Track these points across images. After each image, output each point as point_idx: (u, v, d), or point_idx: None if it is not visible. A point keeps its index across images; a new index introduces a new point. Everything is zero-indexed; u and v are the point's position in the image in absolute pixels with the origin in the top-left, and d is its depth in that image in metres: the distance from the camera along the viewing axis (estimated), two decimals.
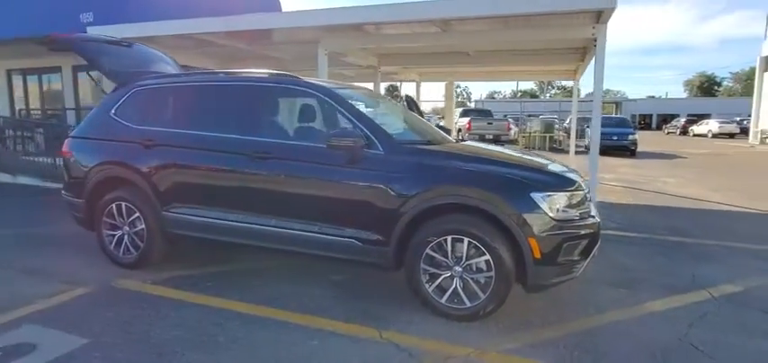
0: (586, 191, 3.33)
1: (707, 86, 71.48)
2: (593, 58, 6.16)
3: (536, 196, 2.98)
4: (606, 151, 15.38)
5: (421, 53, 9.04)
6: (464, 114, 22.88)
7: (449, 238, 3.09)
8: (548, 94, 78.84)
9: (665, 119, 50.07)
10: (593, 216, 3.26)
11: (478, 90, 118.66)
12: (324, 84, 3.88)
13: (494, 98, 75.50)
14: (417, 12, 6.32)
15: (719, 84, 72.61)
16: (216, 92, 3.95)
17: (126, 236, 4.11)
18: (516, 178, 3.10)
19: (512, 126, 21.97)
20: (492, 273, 3.03)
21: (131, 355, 2.74)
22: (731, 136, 33.51)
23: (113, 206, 4.10)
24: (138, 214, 4.00)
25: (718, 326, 3.20)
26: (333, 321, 3.20)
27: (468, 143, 4.98)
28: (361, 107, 3.72)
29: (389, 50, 8.78)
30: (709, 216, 6.95)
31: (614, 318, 3.30)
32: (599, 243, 3.31)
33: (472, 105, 52.99)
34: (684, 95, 71.03)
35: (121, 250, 4.15)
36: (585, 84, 33.82)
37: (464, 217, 3.11)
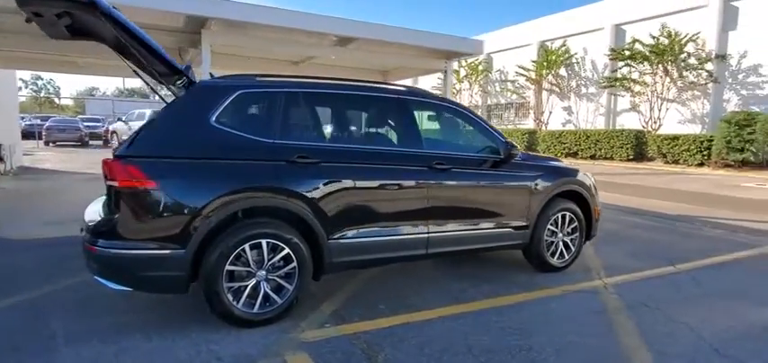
0: None
1: None
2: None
3: (593, 180, 4.88)
4: None
5: (264, 59, 8.62)
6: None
7: (559, 215, 4.54)
8: (157, 96, 76.57)
9: None
10: None
11: (72, 85, 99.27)
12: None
13: (93, 95, 67.26)
14: (329, 25, 6.66)
15: None
16: (372, 104, 3.66)
17: (262, 283, 3.16)
18: (580, 170, 4.85)
19: None
20: (577, 234, 4.70)
21: None
22: None
23: (246, 247, 3.05)
24: (286, 250, 3.19)
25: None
26: (528, 292, 4.04)
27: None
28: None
29: (236, 51, 8.04)
30: None
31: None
32: None
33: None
34: None
35: (257, 303, 3.14)
36: None
37: (564, 199, 4.60)
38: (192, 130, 3.02)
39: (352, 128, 3.84)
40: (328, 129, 3.67)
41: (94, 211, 3.36)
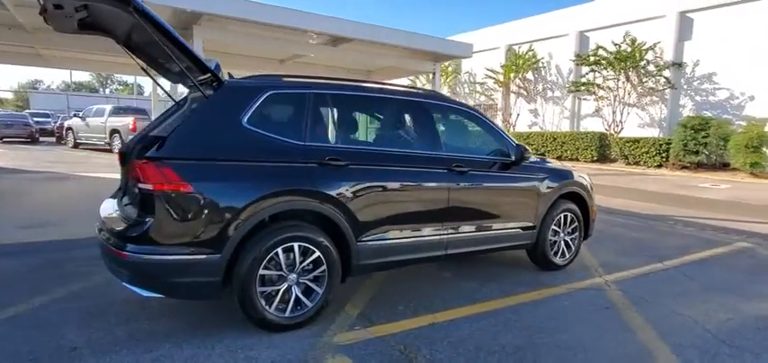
0: None
1: None
2: None
3: (590, 180, 5.09)
4: None
5: (249, 56, 8.41)
6: (117, 111, 19.46)
7: (562, 215, 4.71)
8: (108, 90, 73.58)
9: None
10: None
11: (12, 77, 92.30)
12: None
13: (36, 88, 63.84)
14: (328, 25, 6.59)
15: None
16: (395, 106, 3.68)
17: (294, 287, 3.12)
18: (575, 171, 5.05)
19: None
20: (577, 234, 4.90)
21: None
22: None
23: (278, 250, 3.01)
24: (317, 254, 3.16)
25: None
26: (536, 290, 4.18)
27: None
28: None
29: (225, 48, 7.81)
30: None
31: None
32: None
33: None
34: None
35: (289, 307, 3.09)
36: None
37: (566, 200, 4.78)
38: (224, 132, 2.95)
39: (377, 129, 3.85)
40: (355, 131, 3.66)
41: (112, 211, 3.22)
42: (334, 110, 3.52)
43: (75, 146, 20.13)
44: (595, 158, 17.41)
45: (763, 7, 14.39)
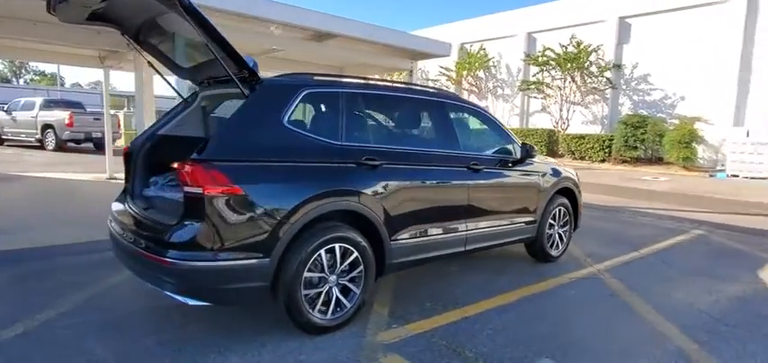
0: None
1: None
2: None
3: (577, 175, 5.42)
4: None
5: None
6: (49, 105, 17.82)
7: (557, 209, 4.98)
8: (22, 80, 67.91)
9: None
10: None
11: None
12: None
13: None
14: (316, 20, 6.48)
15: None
16: (420, 107, 3.72)
17: (334, 289, 3.09)
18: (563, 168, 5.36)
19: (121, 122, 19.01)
20: (568, 227, 5.21)
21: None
22: None
23: (321, 252, 2.97)
24: (355, 254, 3.16)
25: None
26: (543, 281, 4.41)
27: None
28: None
29: None
30: None
31: None
32: None
33: None
34: None
35: (330, 309, 3.07)
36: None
37: (559, 195, 5.06)
38: (267, 132, 2.86)
39: (406, 129, 3.88)
40: (384, 131, 3.67)
41: (135, 215, 3.04)
42: (366, 109, 3.52)
43: (0, 142, 18.30)
44: (545, 153, 18.38)
45: (692, 16, 15.83)
